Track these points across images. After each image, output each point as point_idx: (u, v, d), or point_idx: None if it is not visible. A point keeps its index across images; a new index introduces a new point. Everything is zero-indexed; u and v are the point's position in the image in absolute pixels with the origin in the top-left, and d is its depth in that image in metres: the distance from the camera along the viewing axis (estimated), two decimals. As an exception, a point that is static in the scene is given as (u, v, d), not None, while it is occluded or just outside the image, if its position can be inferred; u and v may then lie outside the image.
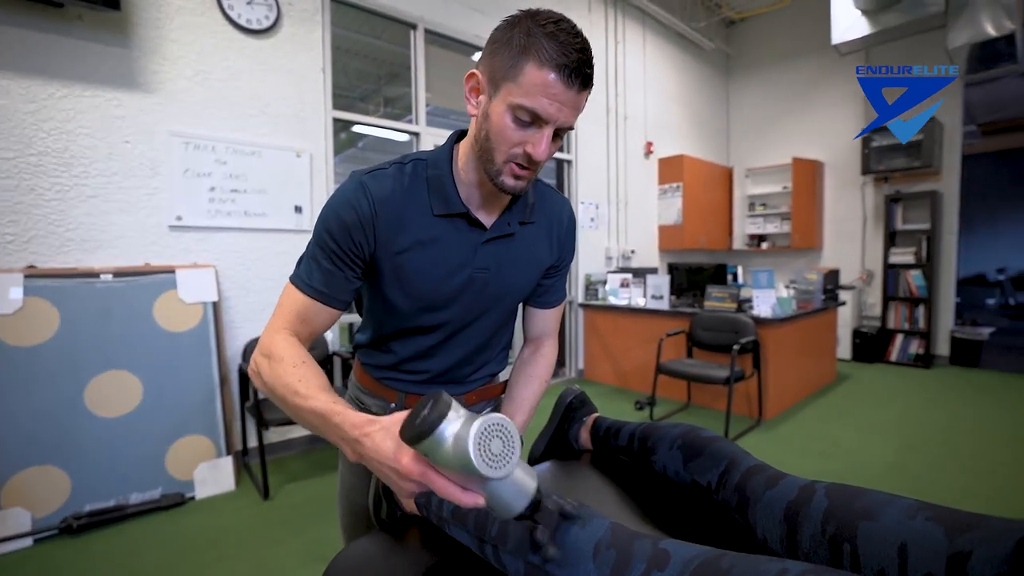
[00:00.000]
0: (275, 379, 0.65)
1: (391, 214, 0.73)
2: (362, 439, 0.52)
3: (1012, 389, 4.04)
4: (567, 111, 0.64)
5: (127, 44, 2.28)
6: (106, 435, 2.11)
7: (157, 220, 2.36)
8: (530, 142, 0.65)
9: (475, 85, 0.70)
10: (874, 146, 4.91)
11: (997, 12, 3.35)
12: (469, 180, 0.75)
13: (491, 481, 0.45)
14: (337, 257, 0.72)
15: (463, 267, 0.78)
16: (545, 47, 0.61)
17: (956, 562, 0.47)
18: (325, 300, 0.73)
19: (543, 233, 0.87)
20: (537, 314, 0.97)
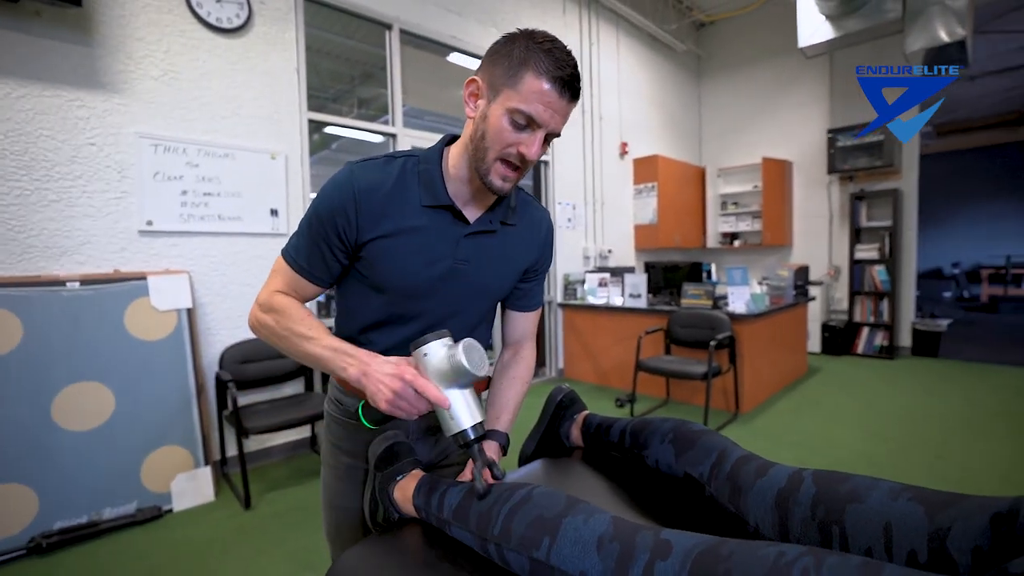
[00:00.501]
0: (285, 327, 0.76)
1: (376, 202, 0.78)
2: (371, 360, 0.70)
3: (969, 377, 4.25)
4: (558, 118, 0.72)
5: (89, 42, 2.20)
6: (76, 449, 2.03)
7: (126, 225, 2.28)
8: (523, 143, 0.73)
9: (474, 90, 0.76)
10: (839, 146, 5.10)
11: (949, 19, 3.52)
12: (458, 177, 0.81)
13: (462, 387, 0.69)
14: (321, 239, 0.78)
15: (445, 257, 0.82)
16: (543, 60, 0.69)
17: (936, 538, 0.50)
18: (307, 276, 0.81)
19: (522, 237, 0.91)
20: (516, 317, 0.99)
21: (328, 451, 0.96)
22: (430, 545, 0.71)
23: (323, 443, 0.98)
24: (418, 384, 0.67)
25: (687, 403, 3.67)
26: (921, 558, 0.50)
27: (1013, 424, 3.09)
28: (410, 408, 0.67)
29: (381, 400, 0.67)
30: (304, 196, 2.85)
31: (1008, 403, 3.51)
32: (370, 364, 0.69)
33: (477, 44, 3.84)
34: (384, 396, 0.66)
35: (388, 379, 0.67)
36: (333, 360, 0.72)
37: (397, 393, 0.66)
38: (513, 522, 0.62)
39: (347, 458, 0.93)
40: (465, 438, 0.69)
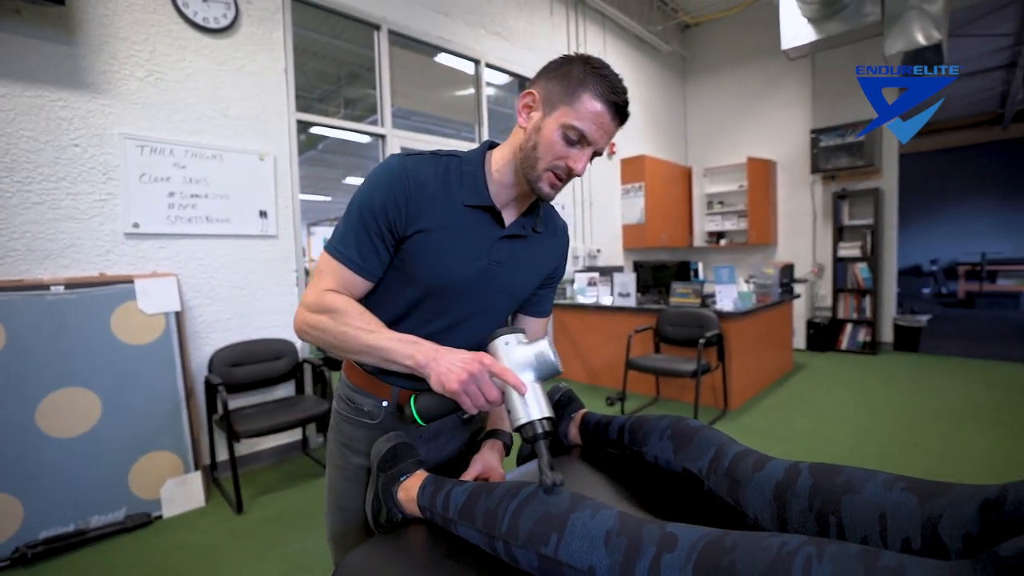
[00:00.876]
0: (344, 323, 0.75)
1: (425, 195, 0.79)
2: (440, 348, 0.72)
3: (948, 371, 4.37)
4: (606, 138, 0.78)
5: (72, 41, 2.16)
6: (62, 456, 1.99)
7: (111, 228, 2.24)
8: (572, 158, 0.77)
9: (530, 102, 0.79)
10: (821, 146, 5.20)
11: (926, 23, 3.61)
12: (500, 181, 0.84)
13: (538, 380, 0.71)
14: (374, 232, 0.78)
15: (480, 257, 0.84)
16: (600, 84, 0.74)
17: (929, 525, 0.52)
18: (360, 271, 0.80)
19: (546, 244, 0.94)
20: (528, 322, 1.01)
21: (336, 452, 0.95)
22: (435, 544, 0.72)
23: (330, 444, 0.97)
24: (497, 368, 0.68)
25: (677, 400, 3.71)
26: (915, 545, 0.52)
27: (990, 415, 3.19)
28: (479, 394, 0.67)
29: (453, 380, 0.66)
30: (293, 197, 2.83)
31: (985, 395, 3.61)
32: (440, 350, 0.71)
33: (465, 45, 3.84)
34: (458, 376, 0.66)
35: (464, 361, 0.67)
36: (398, 348, 0.72)
37: (473, 375, 0.66)
38: (520, 519, 0.63)
39: (358, 458, 0.92)
40: (533, 430, 0.68)
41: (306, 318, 0.78)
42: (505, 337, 0.72)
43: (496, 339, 0.72)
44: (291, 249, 2.82)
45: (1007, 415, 3.19)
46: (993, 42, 5.36)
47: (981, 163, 9.51)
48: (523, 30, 4.32)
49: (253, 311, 2.68)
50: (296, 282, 2.84)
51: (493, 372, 0.68)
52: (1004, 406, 3.37)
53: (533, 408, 0.68)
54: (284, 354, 2.70)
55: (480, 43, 3.95)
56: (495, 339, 0.72)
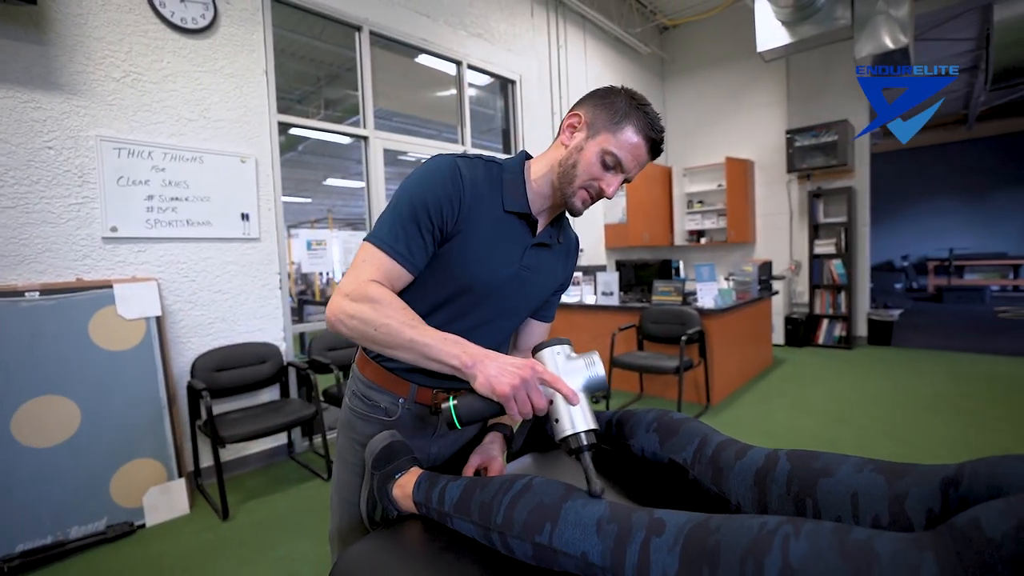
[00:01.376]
0: (387, 315, 0.73)
1: (475, 197, 0.83)
2: (488, 352, 0.70)
3: (919, 363, 4.53)
4: (637, 168, 0.84)
5: (44, 41, 2.11)
6: (39, 466, 1.95)
7: (88, 232, 2.20)
8: (605, 181, 0.83)
9: (575, 123, 0.85)
10: (797, 146, 5.34)
11: (893, 27, 3.75)
12: (539, 192, 0.88)
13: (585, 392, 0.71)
14: (423, 226, 0.79)
15: (514, 262, 0.88)
16: (643, 120, 0.81)
17: (896, 502, 0.56)
18: (405, 264, 0.79)
19: (563, 254, 1.00)
20: (535, 327, 1.05)
21: (348, 448, 0.96)
22: (432, 538, 0.74)
23: (341, 440, 0.98)
24: (548, 376, 0.68)
25: (660, 397, 3.78)
26: (883, 521, 0.56)
27: (957, 404, 3.32)
28: (527, 401, 0.67)
29: (505, 384, 0.65)
30: (276, 199, 2.81)
31: (950, 386, 3.76)
32: (488, 353, 0.70)
33: (447, 46, 3.85)
34: (510, 380, 0.66)
35: (516, 366, 0.67)
36: (442, 347, 0.70)
37: (525, 381, 0.66)
38: (515, 510, 0.65)
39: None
40: (578, 442, 0.68)
41: (344, 307, 0.75)
42: (556, 347, 0.73)
43: (545, 349, 0.74)
44: (274, 252, 2.79)
45: (970, 404, 3.33)
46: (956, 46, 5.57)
47: (948, 162, 9.88)
48: (504, 32, 4.34)
49: (236, 315, 2.65)
50: (279, 285, 2.82)
51: (544, 380, 0.68)
52: (968, 396, 3.51)
53: (579, 420, 0.69)
54: (268, 358, 2.68)
55: (462, 44, 3.96)
56: (544, 348, 0.74)
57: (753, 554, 0.48)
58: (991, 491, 0.50)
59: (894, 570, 0.42)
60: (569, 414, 0.69)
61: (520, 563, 0.65)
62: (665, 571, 0.52)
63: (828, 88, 5.37)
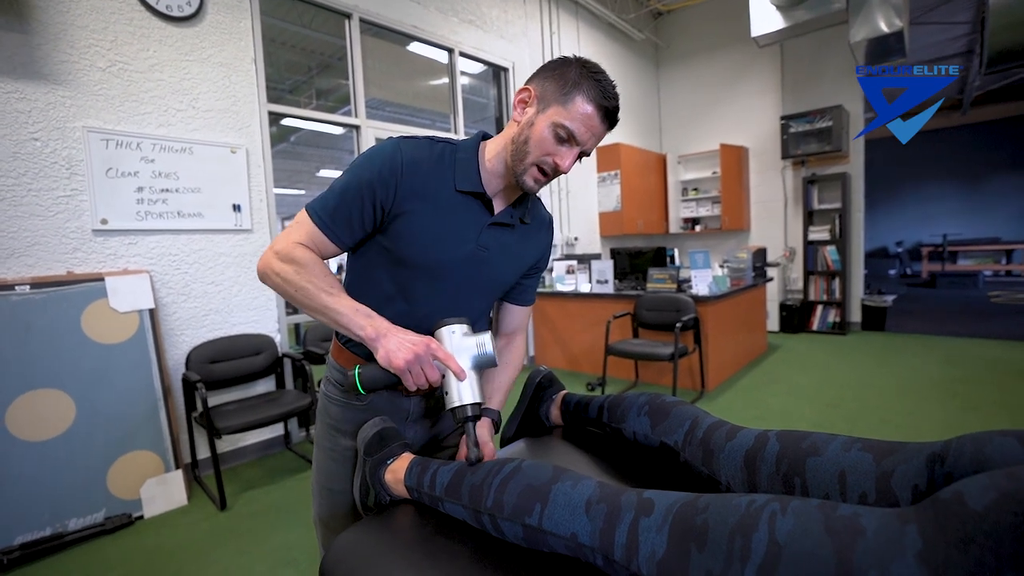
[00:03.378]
0: (307, 280, 0.77)
1: (417, 176, 0.82)
2: (392, 326, 0.76)
3: (912, 348, 4.56)
4: (593, 140, 0.81)
5: (26, 30, 2.07)
6: (35, 460, 1.95)
7: (78, 224, 2.18)
8: (560, 155, 0.80)
9: (525, 98, 0.82)
10: (791, 132, 5.32)
11: (888, 11, 3.72)
12: (493, 171, 0.86)
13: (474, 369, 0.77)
14: (355, 204, 0.80)
15: (469, 241, 0.86)
16: (594, 88, 0.77)
17: (883, 479, 0.57)
18: (329, 235, 0.82)
19: (532, 236, 0.97)
20: (512, 311, 1.04)
21: (324, 434, 0.97)
22: (424, 522, 0.74)
23: (319, 426, 0.99)
24: (441, 353, 0.74)
25: (655, 384, 3.80)
26: (870, 498, 0.57)
27: (949, 388, 3.36)
28: (420, 374, 0.73)
29: (399, 358, 0.71)
30: (267, 190, 2.78)
31: (944, 370, 3.80)
32: (392, 328, 0.75)
33: (439, 34, 3.80)
34: (404, 356, 0.71)
35: (412, 343, 0.73)
36: (352, 317, 0.75)
37: (418, 356, 0.72)
38: (505, 493, 0.65)
39: (347, 440, 0.93)
40: (464, 413, 0.75)
41: (271, 263, 0.80)
42: (452, 326, 0.78)
43: (443, 327, 0.78)
44: (266, 243, 2.77)
45: (964, 388, 3.36)
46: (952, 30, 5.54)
47: (942, 148, 9.87)
48: (496, 18, 4.29)
49: (230, 306, 2.64)
50: (273, 276, 2.80)
51: (437, 356, 0.74)
52: (961, 380, 3.54)
53: (466, 393, 0.75)
54: (263, 349, 2.67)
55: (454, 32, 3.91)
56: (442, 327, 0.78)
57: (740, 531, 0.49)
58: (975, 466, 0.51)
59: (878, 544, 0.43)
60: (458, 388, 0.75)
61: (511, 545, 0.66)
62: (654, 550, 0.53)
63: (822, 74, 5.34)
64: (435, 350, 0.74)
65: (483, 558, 0.65)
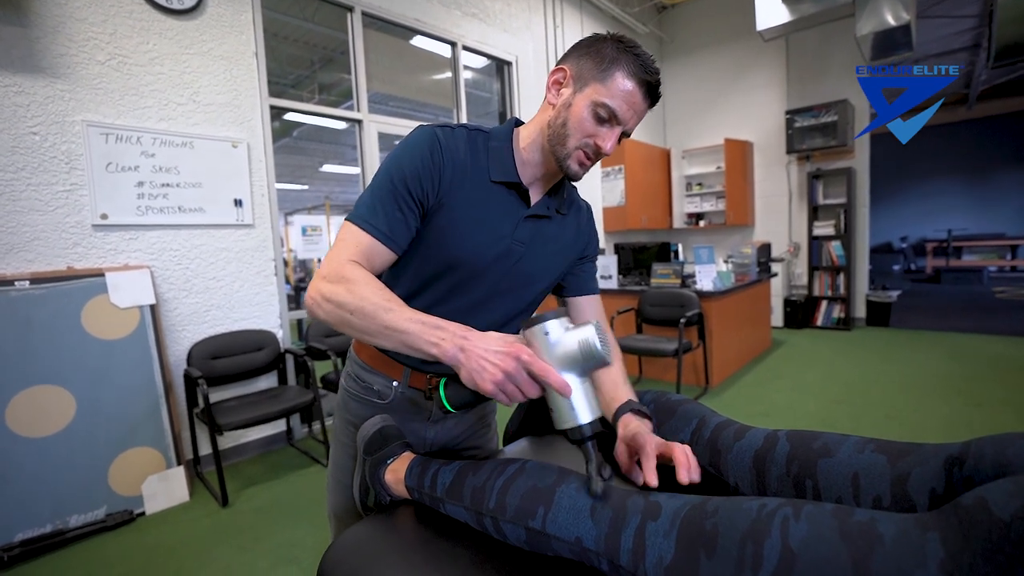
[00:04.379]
0: (362, 297, 0.67)
1: (456, 168, 0.77)
2: (468, 334, 0.62)
3: (917, 344, 4.53)
4: (635, 119, 0.75)
5: (24, 23, 2.05)
6: (36, 456, 1.94)
7: (78, 219, 2.16)
8: (601, 136, 0.75)
9: (560, 79, 0.77)
10: (796, 127, 5.27)
11: (895, 5, 3.67)
12: (529, 160, 0.81)
13: (581, 375, 0.60)
14: (404, 202, 0.75)
15: (505, 236, 0.81)
16: (633, 63, 0.72)
17: (898, 483, 0.55)
18: (386, 241, 0.74)
19: (572, 224, 0.92)
20: (582, 304, 0.97)
21: (342, 429, 0.94)
22: (424, 523, 0.72)
23: (337, 421, 0.96)
24: (537, 367, 0.57)
25: (659, 379, 3.78)
26: (885, 502, 0.55)
27: (954, 384, 3.33)
28: (517, 393, 0.59)
29: (486, 380, 0.58)
30: (269, 185, 2.76)
31: (949, 366, 3.77)
32: (469, 338, 0.61)
33: (441, 27, 3.77)
34: (492, 376, 0.57)
35: (498, 357, 0.58)
36: (421, 333, 0.63)
37: (509, 375, 0.57)
38: (508, 495, 0.63)
39: None
40: (581, 434, 0.60)
41: (321, 289, 0.69)
42: (546, 324, 0.60)
43: (534, 327, 0.61)
44: (268, 238, 2.76)
45: (969, 384, 3.34)
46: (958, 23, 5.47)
47: (947, 143, 9.78)
48: (500, 11, 4.25)
49: (232, 302, 2.63)
50: (274, 271, 2.79)
51: (532, 371, 0.58)
52: (966, 376, 3.52)
53: (581, 410, 0.60)
54: (265, 345, 2.66)
55: (456, 25, 3.88)
56: (533, 327, 0.61)
57: (752, 538, 0.47)
58: (997, 470, 0.49)
59: (898, 552, 0.41)
60: (567, 405, 0.60)
61: (514, 548, 0.64)
62: (661, 556, 0.51)
63: (828, 68, 5.28)
64: (528, 363, 0.57)
65: (485, 561, 0.63)
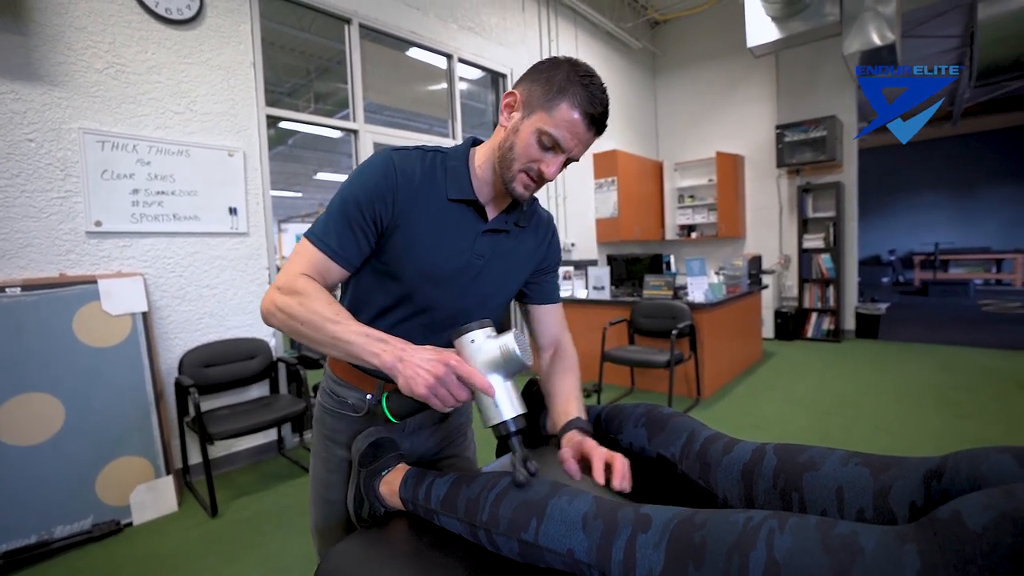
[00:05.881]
0: (311, 310, 0.72)
1: (411, 189, 0.80)
2: (406, 347, 0.68)
3: (905, 356, 4.59)
4: (581, 147, 0.78)
5: (23, 31, 2.06)
6: (22, 465, 1.92)
7: (71, 226, 2.16)
8: (545, 162, 0.77)
9: (511, 102, 0.80)
10: (786, 141, 5.36)
11: (881, 24, 3.77)
12: (483, 178, 0.85)
13: (506, 378, 0.69)
14: (356, 223, 0.78)
15: (464, 251, 0.84)
16: (580, 94, 0.74)
17: (880, 495, 0.57)
18: (335, 258, 0.79)
19: (532, 238, 0.95)
20: (544, 312, 1.01)
21: (320, 444, 0.96)
22: (418, 535, 0.73)
23: (315, 436, 0.97)
24: (463, 370, 0.65)
25: (651, 391, 3.80)
26: (868, 515, 0.57)
27: (943, 396, 3.37)
28: (448, 396, 0.65)
29: (420, 385, 0.64)
30: (264, 193, 2.77)
31: (937, 378, 3.82)
32: (406, 350, 0.67)
33: (437, 39, 3.81)
34: (424, 381, 0.64)
35: (430, 364, 0.65)
36: (364, 345, 0.68)
37: (439, 379, 0.64)
38: (501, 507, 0.65)
39: (342, 451, 0.93)
40: (506, 429, 0.68)
41: (275, 299, 0.75)
42: (471, 334, 0.69)
43: (461, 336, 0.70)
44: (263, 246, 2.76)
45: (957, 395, 3.38)
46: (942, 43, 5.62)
47: (934, 158, 9.98)
48: (495, 25, 4.31)
49: (224, 310, 2.62)
50: (268, 280, 2.79)
51: (459, 374, 0.65)
52: (955, 388, 3.57)
53: (505, 407, 0.68)
54: (257, 353, 2.65)
55: (452, 38, 3.93)
56: (460, 336, 0.70)
57: (738, 550, 0.49)
58: (971, 483, 0.51)
59: (877, 563, 0.43)
60: (492, 403, 0.68)
61: (507, 560, 0.65)
62: (651, 568, 0.52)
63: (817, 84, 5.39)
64: (456, 367, 0.65)
65: (479, 573, 0.64)
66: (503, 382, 0.69)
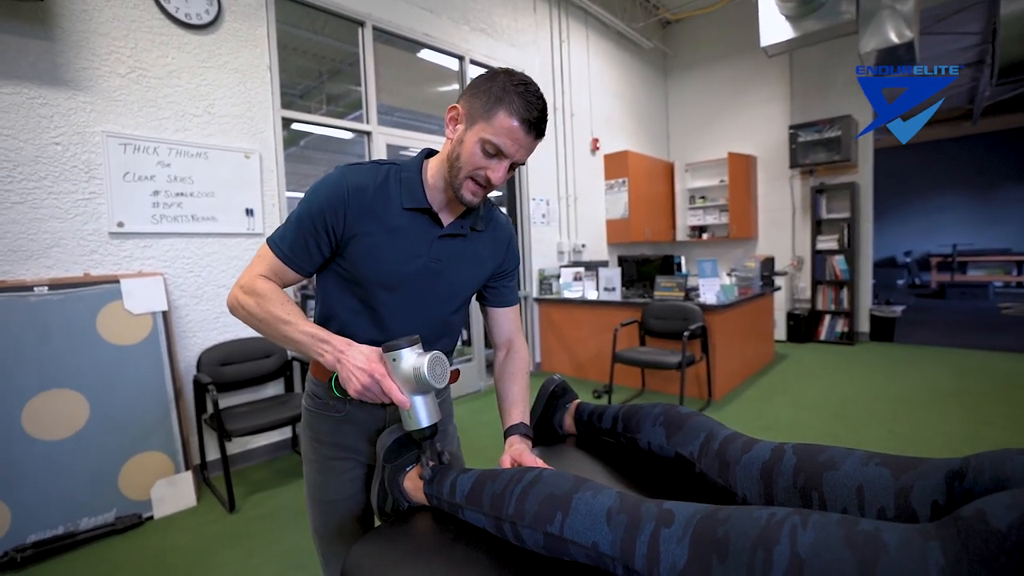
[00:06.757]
0: (264, 311, 0.82)
1: (364, 201, 0.86)
2: (346, 349, 0.78)
3: (921, 359, 4.53)
4: (522, 152, 0.83)
5: (50, 37, 2.11)
6: (49, 459, 1.97)
7: (95, 227, 2.21)
8: (491, 168, 0.83)
9: (455, 116, 0.85)
10: (800, 141, 5.32)
11: (899, 21, 3.73)
12: (435, 186, 0.90)
13: (423, 394, 0.78)
14: (309, 233, 0.85)
15: (420, 255, 0.90)
16: (516, 102, 0.79)
17: (901, 495, 0.57)
18: (288, 263, 0.87)
19: (489, 241, 1.00)
20: (499, 314, 1.08)
21: (308, 446, 0.99)
22: (443, 529, 0.75)
23: (303, 439, 1.01)
24: (385, 385, 0.75)
25: (662, 392, 3.79)
26: (889, 514, 0.57)
27: (960, 401, 3.33)
28: (378, 397, 0.76)
29: (352, 388, 0.75)
30: (280, 195, 2.82)
31: (953, 382, 3.77)
32: (345, 352, 0.77)
33: (450, 41, 3.84)
34: (355, 386, 0.75)
35: (359, 373, 0.75)
36: (310, 345, 0.79)
37: (365, 386, 0.75)
38: (526, 501, 0.66)
39: (328, 451, 0.96)
40: (421, 435, 0.79)
41: (238, 297, 0.85)
42: (394, 353, 0.76)
43: (387, 353, 0.77)
44: (278, 247, 2.80)
45: (973, 400, 3.34)
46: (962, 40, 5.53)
47: (952, 158, 9.82)
48: (507, 27, 4.33)
49: (241, 310, 2.66)
50: (284, 280, 2.83)
51: (382, 386, 0.75)
52: (971, 392, 3.51)
53: (421, 418, 0.78)
54: (273, 352, 2.69)
55: (464, 39, 3.95)
56: (387, 352, 0.77)
57: (762, 544, 0.50)
58: (995, 483, 0.51)
59: (901, 560, 0.44)
60: (408, 414, 0.78)
61: (531, 553, 0.67)
62: (675, 562, 0.54)
63: (831, 83, 5.34)
64: (380, 379, 0.75)
65: (503, 566, 0.66)
66: (421, 397, 0.78)
